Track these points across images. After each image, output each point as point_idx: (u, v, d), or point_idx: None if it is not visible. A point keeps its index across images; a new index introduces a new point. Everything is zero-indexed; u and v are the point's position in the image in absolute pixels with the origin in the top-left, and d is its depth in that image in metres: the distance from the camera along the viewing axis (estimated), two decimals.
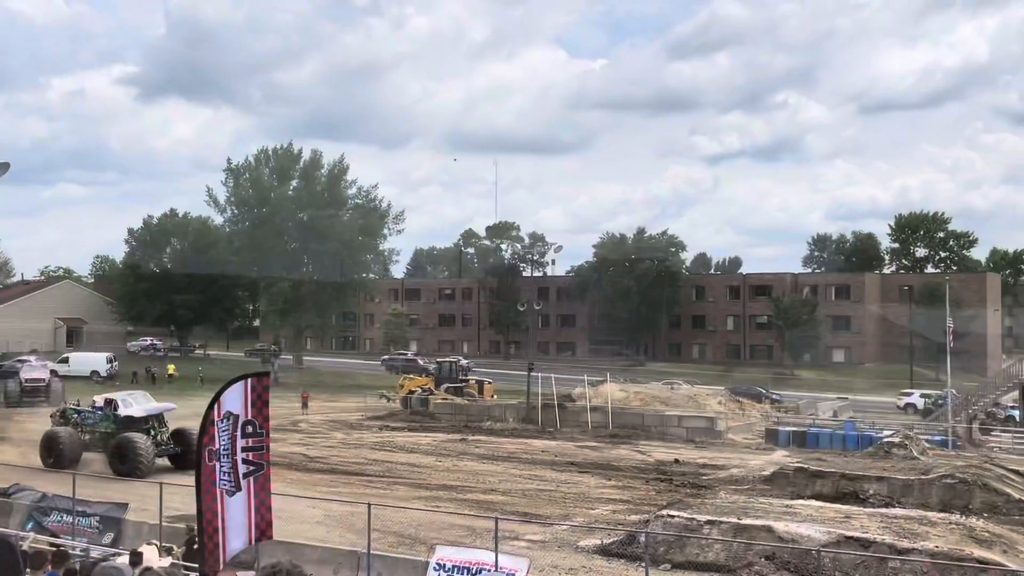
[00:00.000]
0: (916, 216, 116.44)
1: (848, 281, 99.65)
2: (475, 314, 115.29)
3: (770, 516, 22.94)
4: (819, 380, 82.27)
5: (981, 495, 28.43)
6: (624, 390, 54.54)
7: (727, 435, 45.66)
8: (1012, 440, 42.94)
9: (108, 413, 33.79)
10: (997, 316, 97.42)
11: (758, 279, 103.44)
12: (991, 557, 19.82)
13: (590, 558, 22.32)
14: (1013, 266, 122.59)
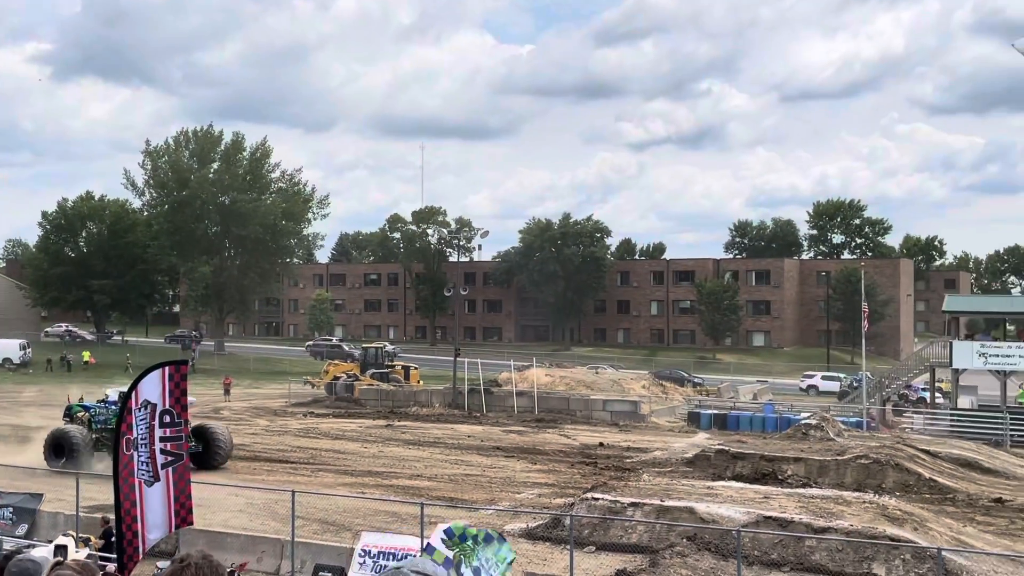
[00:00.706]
0: (833, 203, 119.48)
1: (768, 267, 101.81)
2: (401, 299, 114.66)
3: (692, 497, 23.36)
4: (739, 363, 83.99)
5: (894, 475, 29.40)
6: (550, 375, 54.89)
7: (651, 418, 46.32)
8: (923, 421, 44.45)
9: None
10: (910, 301, 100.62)
11: (681, 264, 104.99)
12: (902, 534, 20.50)
13: (515, 542, 22.42)
14: (925, 252, 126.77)
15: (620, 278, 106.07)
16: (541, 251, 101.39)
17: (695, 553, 20.22)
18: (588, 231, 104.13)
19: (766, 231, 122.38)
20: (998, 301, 65.81)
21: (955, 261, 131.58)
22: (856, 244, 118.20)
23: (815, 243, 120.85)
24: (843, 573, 19.44)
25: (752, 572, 19.37)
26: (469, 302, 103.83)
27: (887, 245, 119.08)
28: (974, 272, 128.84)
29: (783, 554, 20.18)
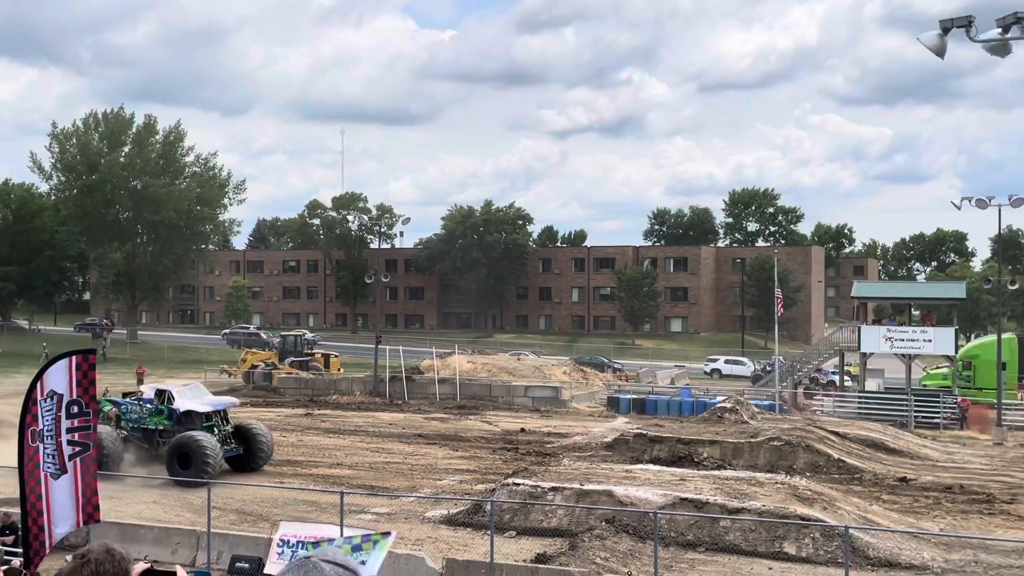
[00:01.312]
0: (748, 192, 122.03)
1: (686, 254, 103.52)
2: (321, 286, 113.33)
3: (611, 481, 23.70)
4: (658, 349, 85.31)
5: (804, 456, 30.27)
6: (472, 361, 54.95)
7: (571, 404, 46.78)
8: (833, 404, 45.82)
9: (161, 407, 28.70)
10: (821, 287, 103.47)
11: (602, 252, 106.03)
12: (812, 513, 21.15)
13: (436, 528, 22.48)
14: (835, 240, 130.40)
15: (542, 265, 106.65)
16: (463, 238, 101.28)
17: (614, 536, 20.54)
18: (510, 218, 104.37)
19: (684, 219, 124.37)
20: (904, 287, 68.22)
21: (864, 248, 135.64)
22: (770, 232, 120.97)
23: (731, 231, 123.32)
24: (756, 552, 19.97)
25: (669, 553, 19.75)
26: (391, 289, 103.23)
27: (799, 233, 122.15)
28: (882, 259, 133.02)
29: (699, 535, 20.65)
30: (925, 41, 13.98)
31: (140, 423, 28.83)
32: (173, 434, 27.94)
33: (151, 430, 28.70)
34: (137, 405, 29.19)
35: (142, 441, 28.86)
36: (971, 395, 45.10)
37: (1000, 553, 20.34)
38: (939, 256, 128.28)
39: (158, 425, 28.61)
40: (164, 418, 28.61)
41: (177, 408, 28.51)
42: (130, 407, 29.25)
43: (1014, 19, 13.41)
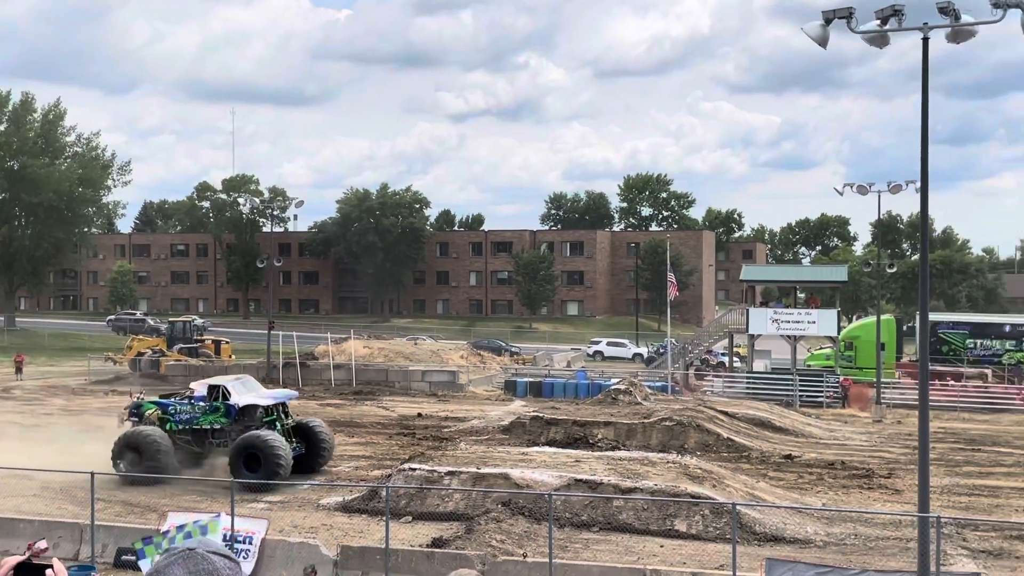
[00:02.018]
0: (642, 177, 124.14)
1: (582, 238, 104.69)
2: (211, 271, 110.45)
3: (507, 464, 23.83)
4: (555, 332, 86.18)
5: (695, 435, 31.07)
6: (368, 346, 54.46)
7: (469, 388, 46.85)
8: (722, 384, 47.12)
9: (216, 404, 26.54)
10: (711, 271, 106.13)
11: (499, 236, 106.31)
12: (702, 492, 21.71)
13: (331, 515, 22.23)
14: (725, 225, 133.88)
15: (439, 249, 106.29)
16: (359, 222, 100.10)
17: (510, 518, 20.67)
18: (407, 202, 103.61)
19: (580, 204, 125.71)
20: (789, 271, 70.56)
21: (752, 233, 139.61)
22: (663, 217, 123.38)
23: (626, 215, 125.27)
24: (648, 530, 20.40)
25: (563, 533, 19.99)
26: (284, 274, 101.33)
27: (691, 218, 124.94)
28: (769, 243, 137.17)
29: (592, 515, 20.96)
30: (808, 31, 14.40)
31: (191, 423, 26.49)
32: (228, 433, 26.09)
33: (203, 430, 26.52)
34: (188, 404, 26.89)
35: (191, 443, 26.62)
36: (852, 374, 47.01)
37: (878, 526, 21.28)
38: (823, 240, 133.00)
39: (213, 424, 26.45)
40: (220, 416, 26.39)
41: (235, 404, 26.32)
42: (179, 407, 26.80)
43: (892, 11, 13.92)
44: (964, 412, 41.59)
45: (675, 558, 18.75)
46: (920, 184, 15.59)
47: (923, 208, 15.80)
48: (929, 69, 14.95)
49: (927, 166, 15.26)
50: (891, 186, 40.39)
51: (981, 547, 19.84)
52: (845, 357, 48.95)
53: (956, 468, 28.88)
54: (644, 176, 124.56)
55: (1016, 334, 49.22)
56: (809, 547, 19.66)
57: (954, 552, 19.00)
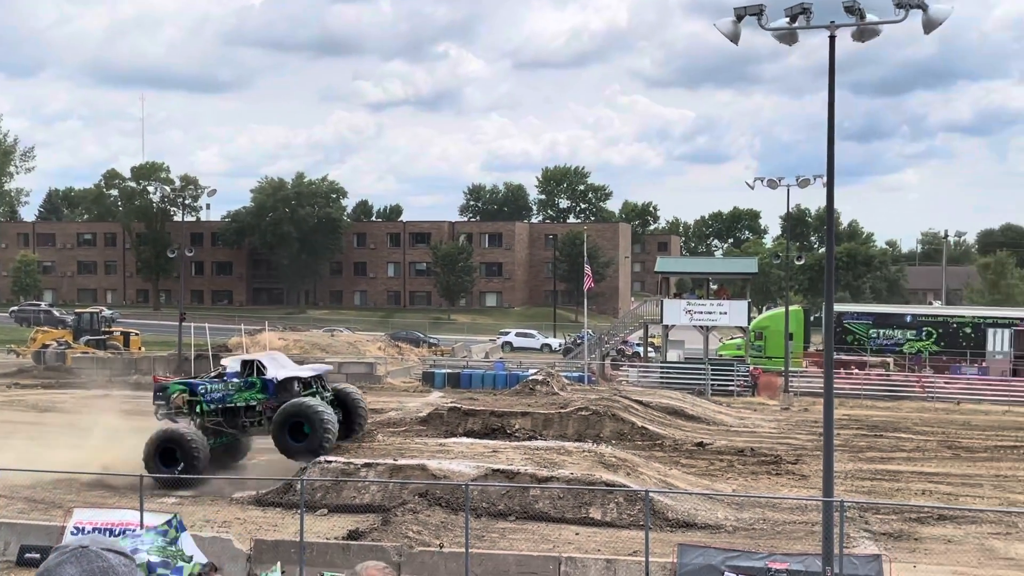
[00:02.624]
0: (560, 170, 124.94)
1: (500, 229, 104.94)
2: (120, 261, 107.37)
3: (424, 455, 23.83)
4: (473, 323, 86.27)
5: (611, 424, 31.51)
6: (283, 338, 53.71)
7: (386, 379, 46.62)
8: (638, 374, 47.82)
9: (251, 379, 25.17)
10: (627, 262, 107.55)
11: (418, 227, 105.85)
12: (617, 480, 22.05)
13: (245, 509, 21.91)
14: (641, 217, 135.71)
15: (357, 240, 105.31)
16: (274, 211, 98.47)
17: (427, 509, 20.68)
18: (324, 191, 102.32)
19: (499, 195, 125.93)
20: (703, 263, 71.90)
21: (668, 225, 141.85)
22: (581, 209, 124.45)
23: (544, 207, 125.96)
24: (564, 519, 20.63)
25: (480, 523, 20.08)
26: (196, 264, 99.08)
27: (608, 210, 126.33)
28: (683, 236, 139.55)
29: (509, 504, 21.10)
30: (721, 27, 14.70)
31: (224, 402, 25.03)
32: (263, 412, 25.00)
33: (237, 409, 25.15)
34: (220, 383, 25.27)
35: (222, 425, 25.16)
36: (762, 364, 48.21)
37: (785, 511, 21.91)
38: (735, 233, 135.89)
39: (250, 400, 25.15)
40: (257, 392, 25.12)
41: (273, 378, 25.05)
42: (211, 387, 25.10)
43: (800, 9, 14.30)
44: (867, 399, 43.05)
45: (590, 545, 19.01)
46: (826, 179, 16.07)
47: (829, 202, 16.30)
48: (837, 67, 15.42)
49: (833, 161, 15.74)
50: (799, 180, 41.49)
51: (882, 529, 20.60)
52: (755, 347, 50.15)
53: (859, 454, 29.90)
54: (562, 168, 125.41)
55: (916, 324, 51.13)
56: (720, 532, 20.14)
57: (857, 535, 19.68)
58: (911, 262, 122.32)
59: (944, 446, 31.41)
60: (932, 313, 54.69)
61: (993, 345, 48.50)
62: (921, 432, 34.57)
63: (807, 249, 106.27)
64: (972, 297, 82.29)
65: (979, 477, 26.85)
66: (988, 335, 48.80)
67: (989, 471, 27.74)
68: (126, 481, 22.20)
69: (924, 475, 26.83)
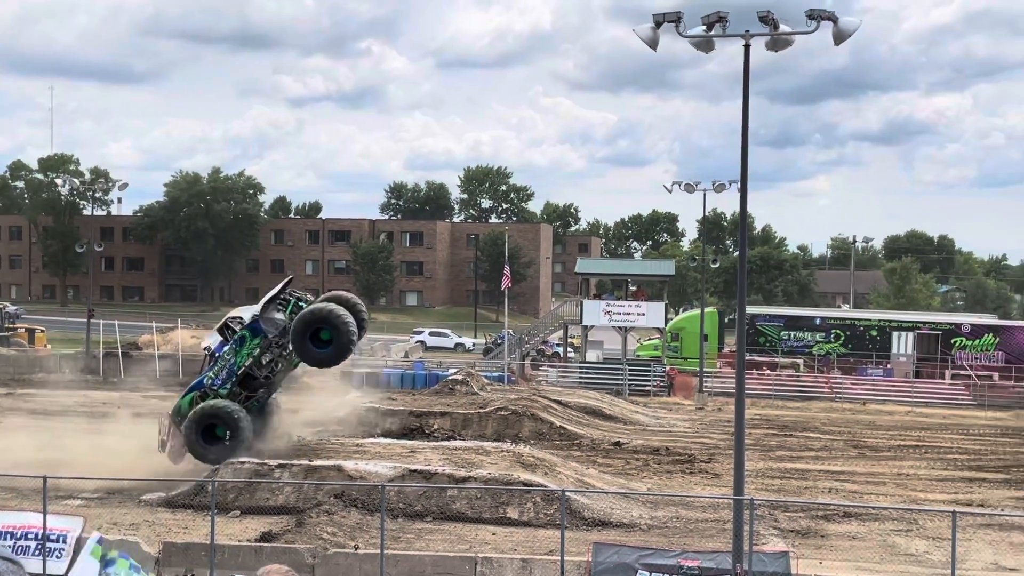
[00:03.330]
0: (483, 169, 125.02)
1: (422, 228, 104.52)
2: (26, 255, 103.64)
3: (341, 456, 23.60)
4: (393, 323, 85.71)
5: (529, 424, 31.68)
6: (196, 336, 52.52)
7: (303, 379, 45.85)
8: (557, 374, 48.14)
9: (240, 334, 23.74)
10: (548, 263, 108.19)
11: (337, 224, 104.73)
12: (535, 479, 22.17)
13: (154, 512, 21.39)
14: (563, 218, 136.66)
15: (274, 236, 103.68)
16: (189, 206, 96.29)
17: (342, 510, 20.48)
18: (240, 187, 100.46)
19: (421, 194, 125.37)
20: (622, 264, 72.73)
21: (588, 227, 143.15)
22: (503, 209, 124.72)
23: (466, 207, 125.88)
24: (481, 519, 20.66)
25: (397, 524, 19.98)
26: (106, 259, 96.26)
27: (530, 211, 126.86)
28: (604, 237, 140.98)
29: (427, 505, 21.04)
30: (640, 33, 14.90)
31: (235, 373, 23.59)
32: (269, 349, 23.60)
33: (249, 367, 23.67)
34: (216, 364, 23.91)
35: (249, 389, 23.84)
36: (678, 364, 49.05)
37: (698, 509, 22.32)
38: (654, 236, 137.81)
39: (252, 352, 23.58)
40: (252, 342, 23.50)
41: (254, 316, 23.58)
42: (212, 375, 23.91)
43: (717, 18, 14.58)
44: (778, 400, 44.15)
45: (506, 545, 19.07)
46: (740, 184, 16.42)
47: (742, 207, 16.66)
48: (752, 75, 15.77)
49: (747, 167, 16.10)
50: (715, 185, 42.32)
51: (791, 527, 21.15)
52: (672, 348, 50.98)
53: (770, 453, 30.64)
54: (484, 168, 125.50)
55: (826, 327, 52.60)
56: (634, 531, 20.42)
57: (766, 532, 20.17)
58: (821, 266, 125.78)
59: (850, 445, 32.41)
60: (840, 316, 56.36)
61: (897, 348, 50.20)
62: (829, 432, 35.60)
63: (723, 252, 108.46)
64: (878, 301, 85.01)
65: (883, 476, 27.77)
66: (893, 338, 50.48)
67: (892, 470, 28.72)
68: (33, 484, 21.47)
69: (831, 474, 27.64)
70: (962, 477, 27.97)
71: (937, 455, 31.42)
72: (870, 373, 48.82)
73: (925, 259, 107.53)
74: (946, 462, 30.28)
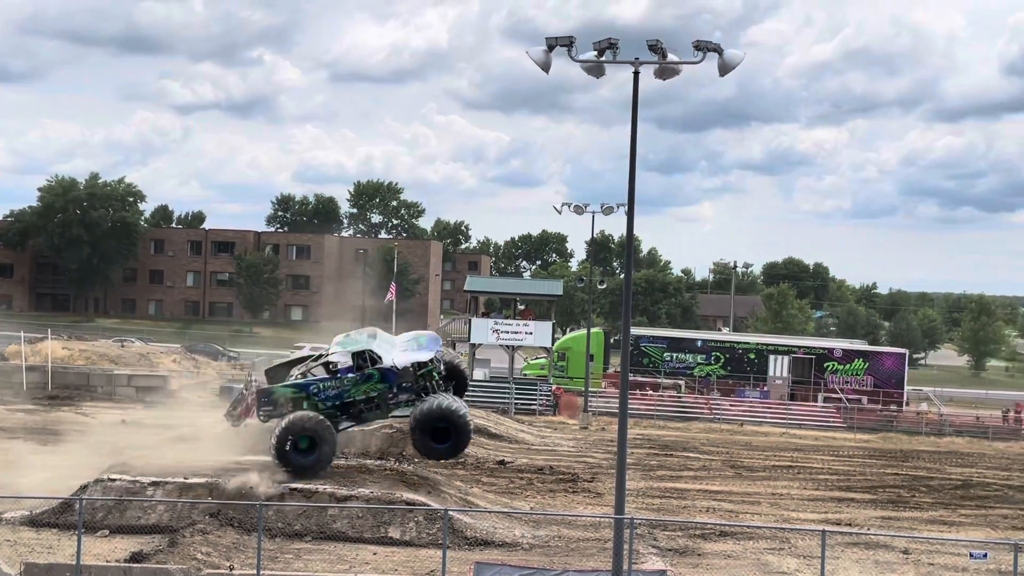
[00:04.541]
0: (373, 184, 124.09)
1: (309, 242, 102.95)
2: None
3: (218, 473, 22.87)
4: (277, 337, 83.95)
5: None
6: (68, 347, 50.36)
7: (181, 394, 44.58)
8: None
9: (369, 372, 23.01)
10: (438, 280, 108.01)
11: (221, 235, 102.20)
12: (418, 498, 21.95)
13: (16, 530, 20.29)
14: (453, 236, 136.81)
15: (154, 246, 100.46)
16: (64, 212, 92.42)
17: (218, 529, 19.88)
18: (120, 194, 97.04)
19: (309, 207, 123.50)
20: (511, 283, 73.19)
21: (478, 245, 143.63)
22: (393, 224, 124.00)
23: (355, 221, 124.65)
24: (362, 538, 20.33)
25: (275, 544, 19.48)
26: None
27: (420, 227, 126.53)
28: (494, 256, 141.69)
29: (306, 524, 20.59)
30: (533, 55, 15.07)
31: (341, 398, 23.34)
32: (385, 398, 23.41)
33: (355, 402, 23.51)
34: (332, 380, 23.48)
35: (343, 419, 23.70)
36: (564, 383, 49.54)
37: (580, 528, 22.53)
38: (543, 255, 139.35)
39: (369, 392, 23.37)
40: (376, 383, 23.29)
41: (392, 367, 23.21)
42: (323, 384, 23.42)
43: (608, 44, 14.88)
44: (660, 420, 45.07)
45: (387, 565, 18.83)
46: (627, 207, 16.73)
47: (629, 230, 16.98)
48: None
49: (634, 191, 16.42)
50: (604, 208, 43.08)
51: (669, 545, 21.54)
52: (558, 367, 51.47)
53: (651, 472, 31.21)
54: (375, 183, 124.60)
55: (707, 349, 54.03)
56: (517, 550, 20.44)
57: (645, 551, 20.48)
58: (704, 290, 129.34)
59: (728, 465, 33.30)
60: (720, 339, 58.00)
61: (774, 371, 51.94)
62: (708, 452, 36.51)
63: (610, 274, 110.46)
64: (756, 325, 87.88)
65: (758, 495, 28.62)
66: (769, 361, 52.22)
67: (767, 489, 29.62)
68: None
69: (709, 493, 28.32)
70: (832, 497, 29.06)
71: (809, 475, 32.57)
72: (747, 395, 50.36)
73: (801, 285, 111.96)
74: (817, 482, 31.41)
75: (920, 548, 22.22)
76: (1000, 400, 57.59)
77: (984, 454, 39.95)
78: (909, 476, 33.38)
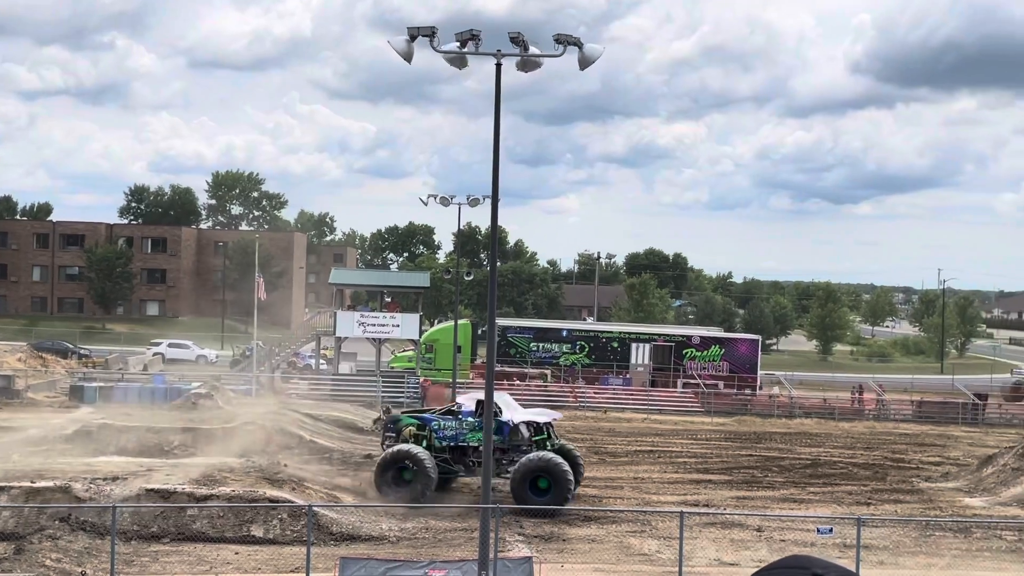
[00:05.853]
0: (233, 175, 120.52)
1: (165, 234, 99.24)
2: None
3: (68, 476, 21.89)
4: (132, 333, 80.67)
5: (278, 438, 30.83)
6: None
7: (27, 394, 42.33)
8: (308, 386, 47.17)
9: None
10: (302, 273, 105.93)
11: (70, 228, 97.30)
12: (282, 495, 21.57)
13: None
14: (318, 228, 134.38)
15: None
16: None
17: (69, 535, 19.03)
18: None
19: (165, 198, 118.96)
20: (377, 275, 72.52)
21: (344, 237, 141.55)
22: (254, 216, 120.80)
23: (214, 213, 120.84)
24: (223, 538, 19.83)
25: (130, 547, 18.78)
26: None
27: (283, 219, 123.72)
28: (360, 248, 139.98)
29: (164, 526, 19.94)
30: (395, 45, 14.96)
31: (456, 440, 25.40)
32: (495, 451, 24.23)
33: (466, 448, 25.35)
34: (455, 421, 25.53)
35: (448, 462, 25.18)
36: (432, 375, 49.48)
37: (447, 519, 22.60)
38: (410, 247, 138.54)
39: (481, 442, 23.31)
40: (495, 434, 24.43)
41: (509, 420, 25.40)
42: (443, 423, 25.53)
43: (470, 35, 14.91)
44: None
45: (250, 564, 18.43)
46: (492, 199, 16.83)
47: (493, 221, 17.09)
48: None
49: (497, 182, 16.54)
50: (470, 199, 43.09)
51: (535, 532, 21.87)
52: (426, 359, 51.37)
53: None
54: (235, 174, 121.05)
55: (572, 339, 54.99)
56: (384, 543, 20.34)
57: (512, 539, 20.73)
58: (569, 281, 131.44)
59: (592, 452, 34.00)
60: (585, 328, 59.15)
61: (635, 358, 53.34)
62: (573, 439, 37.13)
63: (477, 265, 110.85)
64: (619, 314, 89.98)
65: (620, 480, 29.38)
66: (632, 349, 53.60)
67: (629, 474, 30.45)
68: None
69: None
70: (691, 479, 30.11)
71: (669, 459, 33.65)
72: (611, 383, 51.53)
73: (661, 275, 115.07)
74: (677, 465, 32.49)
75: (772, 526, 23.29)
76: (846, 382, 60.88)
77: (831, 434, 42.14)
78: (762, 457, 34.89)
